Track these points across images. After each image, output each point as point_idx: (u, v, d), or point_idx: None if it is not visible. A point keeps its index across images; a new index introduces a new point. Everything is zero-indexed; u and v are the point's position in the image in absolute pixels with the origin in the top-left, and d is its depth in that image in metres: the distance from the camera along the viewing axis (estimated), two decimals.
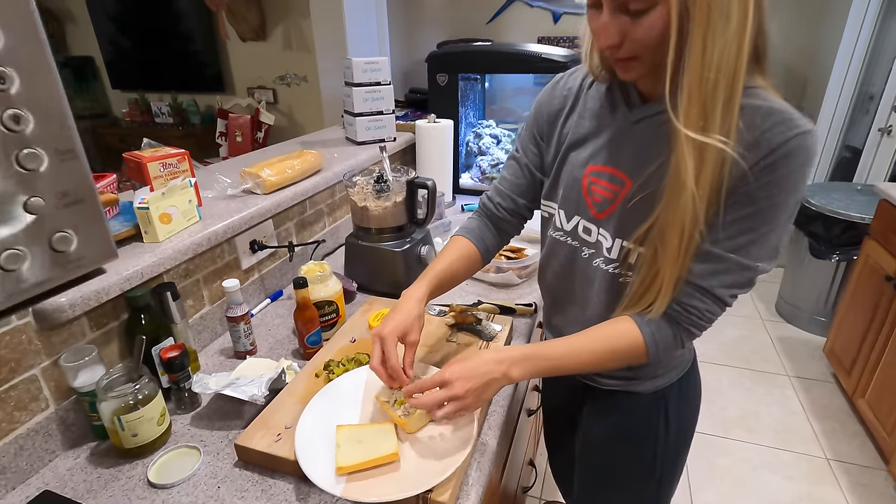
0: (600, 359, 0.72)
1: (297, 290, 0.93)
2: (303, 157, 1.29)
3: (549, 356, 0.72)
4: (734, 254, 0.63)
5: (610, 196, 0.73)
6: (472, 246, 0.90)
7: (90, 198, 0.37)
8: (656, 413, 0.84)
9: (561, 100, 0.82)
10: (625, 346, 0.70)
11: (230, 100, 4.29)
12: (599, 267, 0.77)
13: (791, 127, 0.59)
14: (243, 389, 0.80)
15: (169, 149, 1.04)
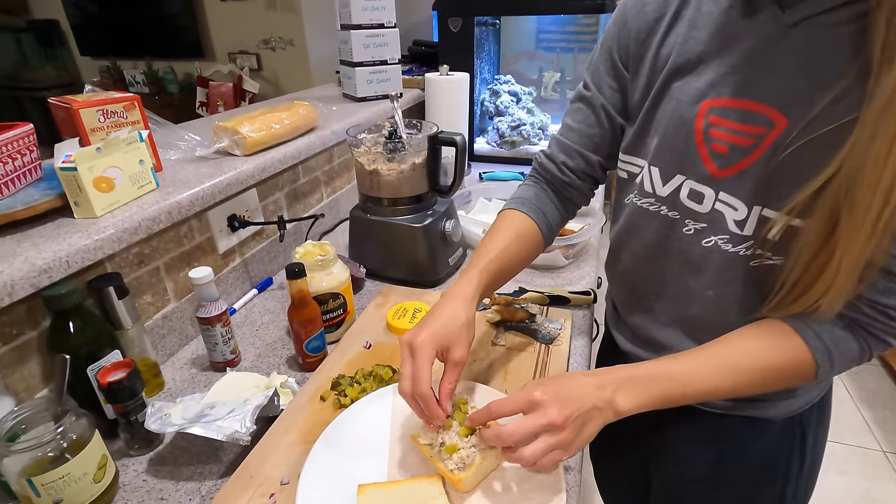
0: (747, 381, 0.50)
1: (290, 280, 0.68)
2: (292, 109, 1.02)
3: (672, 376, 0.50)
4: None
5: (746, 143, 0.49)
6: (529, 222, 0.67)
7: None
8: (789, 446, 0.62)
9: (658, 5, 0.56)
10: (784, 363, 0.49)
11: (210, 66, 3.96)
12: (717, 248, 0.54)
13: None
14: (219, 426, 0.56)
15: (114, 93, 0.77)
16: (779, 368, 0.49)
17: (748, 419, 0.61)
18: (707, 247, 0.55)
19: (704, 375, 0.50)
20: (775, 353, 0.49)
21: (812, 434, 0.62)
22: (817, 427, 0.63)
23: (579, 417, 0.46)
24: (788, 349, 0.49)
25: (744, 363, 0.50)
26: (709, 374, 0.50)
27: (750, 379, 0.50)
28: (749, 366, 0.50)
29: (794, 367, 0.48)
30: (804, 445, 0.62)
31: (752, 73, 0.49)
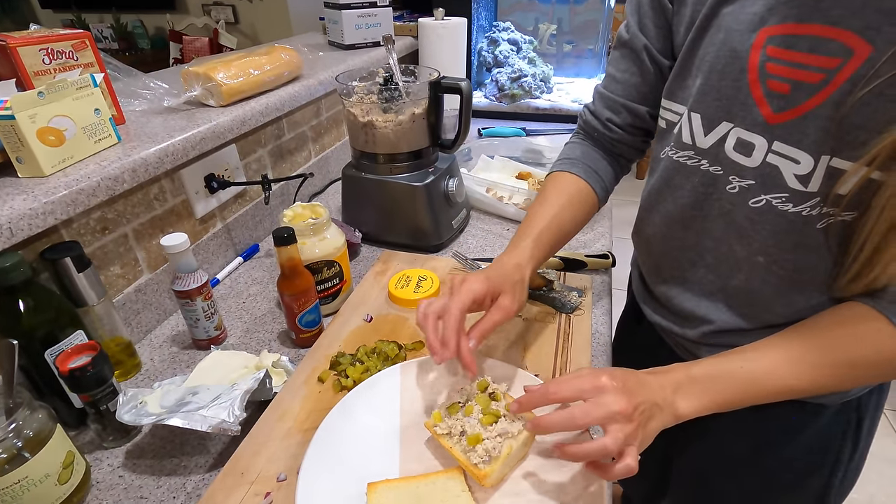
0: (831, 378, 0.44)
1: (279, 247, 0.60)
2: (273, 54, 0.90)
3: (737, 375, 0.44)
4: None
5: (815, 79, 0.41)
6: (582, 184, 0.61)
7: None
8: (843, 432, 0.56)
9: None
10: (872, 352, 0.42)
11: (183, 20, 3.72)
12: (772, 208, 0.47)
13: None
14: (203, 415, 0.49)
15: (59, 30, 0.66)
16: (870, 362, 0.42)
17: (800, 403, 0.55)
18: (756, 207, 0.47)
19: (777, 373, 0.43)
20: (865, 342, 0.43)
21: (868, 419, 0.57)
22: (875, 412, 0.57)
23: (645, 411, 0.40)
24: (879, 338, 0.42)
25: (827, 357, 0.43)
26: (781, 371, 0.44)
27: (835, 375, 0.43)
28: (834, 360, 0.43)
29: (883, 357, 0.42)
30: (859, 432, 0.56)
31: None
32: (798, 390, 0.44)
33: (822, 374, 0.43)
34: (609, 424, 0.39)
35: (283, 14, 3.53)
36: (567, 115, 1.51)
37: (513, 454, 0.43)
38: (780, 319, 0.49)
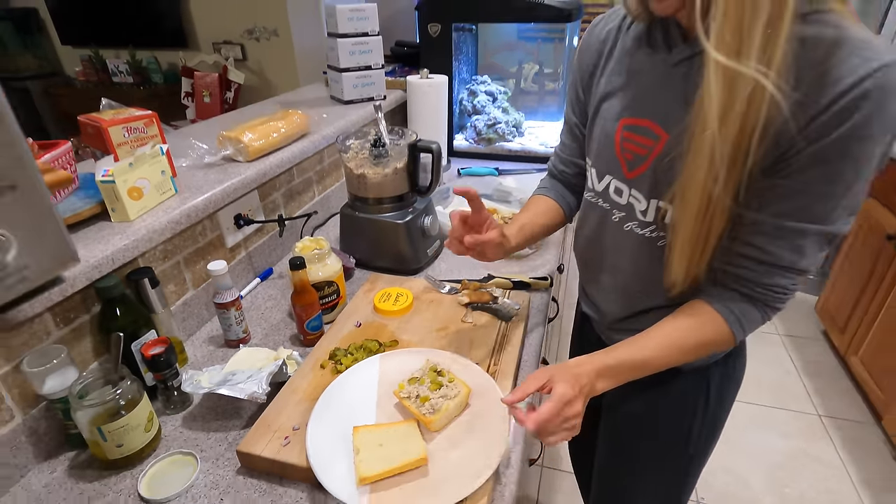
0: (690, 355, 0.64)
1: (293, 271, 0.83)
2: (288, 118, 1.15)
3: (634, 363, 0.64)
4: (813, 223, 0.54)
5: (643, 152, 0.65)
6: (552, 202, 0.87)
7: (28, 183, 0.26)
8: (696, 392, 0.78)
9: (597, 47, 0.73)
10: (709, 337, 0.63)
11: (195, 56, 3.98)
12: (633, 231, 0.70)
13: (865, 60, 0.47)
14: (241, 387, 0.71)
15: (133, 110, 0.89)
16: (710, 342, 0.63)
17: (670, 370, 0.75)
18: (628, 231, 0.71)
19: (658, 358, 0.64)
20: (705, 330, 0.63)
21: (717, 383, 0.78)
22: (722, 378, 0.78)
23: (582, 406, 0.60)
24: (714, 326, 0.62)
25: (686, 343, 0.63)
26: (661, 356, 0.64)
27: (692, 353, 0.64)
28: (688, 345, 0.63)
29: (719, 339, 0.63)
30: (709, 392, 0.78)
31: (649, 99, 0.65)
32: (670, 365, 0.65)
33: (684, 355, 0.64)
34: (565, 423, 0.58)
35: (289, 52, 3.82)
36: (535, 156, 1.75)
37: (450, 410, 0.65)
38: (652, 308, 0.72)
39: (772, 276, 0.59)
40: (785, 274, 0.58)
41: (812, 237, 0.55)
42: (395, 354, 0.78)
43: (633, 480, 0.90)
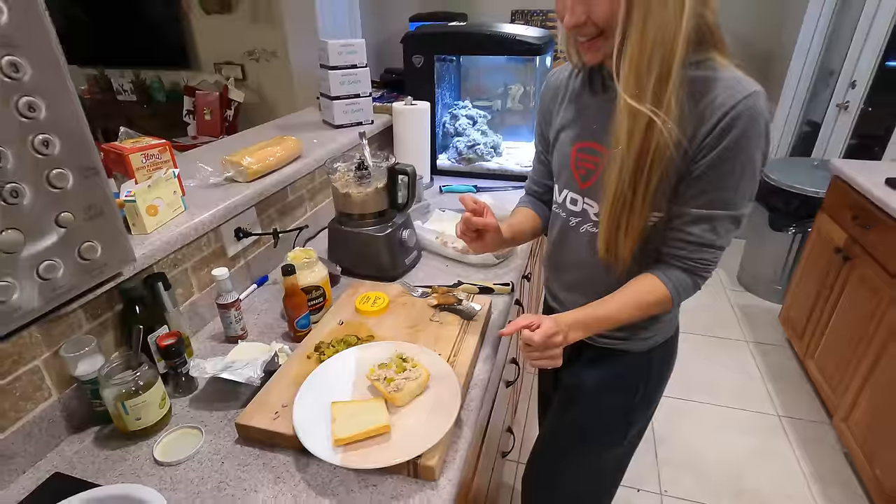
0: (641, 310, 0.81)
1: (285, 276, 0.97)
2: (283, 143, 1.30)
3: (600, 317, 0.81)
4: (721, 209, 0.73)
5: (593, 167, 0.82)
6: (532, 212, 1.04)
7: (110, 209, 0.40)
8: (639, 371, 0.95)
9: (553, 91, 0.92)
10: (655, 298, 0.80)
11: (197, 76, 4.16)
12: (587, 231, 0.87)
13: (735, 92, 0.67)
14: (239, 372, 0.85)
15: (149, 139, 1.04)
16: (655, 301, 0.80)
17: (620, 351, 0.94)
18: (584, 232, 0.87)
19: (618, 311, 0.81)
20: (654, 292, 0.80)
21: (656, 365, 0.96)
22: (661, 361, 0.96)
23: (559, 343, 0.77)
24: (659, 290, 0.79)
25: (640, 301, 0.80)
26: (620, 310, 0.81)
27: (643, 309, 0.81)
28: (641, 302, 0.80)
29: (662, 299, 0.79)
30: (650, 372, 0.95)
31: (595, 126, 0.82)
32: (628, 318, 0.81)
33: (638, 310, 0.80)
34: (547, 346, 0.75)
35: (287, 72, 3.99)
36: (511, 175, 1.91)
37: (412, 389, 0.79)
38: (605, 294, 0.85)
39: (698, 252, 0.77)
40: (706, 250, 0.77)
41: (721, 220, 0.74)
42: (370, 346, 0.92)
43: (573, 452, 1.04)
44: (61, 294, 0.37)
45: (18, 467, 0.74)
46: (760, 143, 0.69)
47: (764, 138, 0.69)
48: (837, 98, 3.34)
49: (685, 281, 0.79)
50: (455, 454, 0.76)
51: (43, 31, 0.33)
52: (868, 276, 1.74)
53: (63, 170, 0.35)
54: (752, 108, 0.67)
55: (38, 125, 0.33)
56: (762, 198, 2.68)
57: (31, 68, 0.32)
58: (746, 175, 0.71)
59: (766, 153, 0.71)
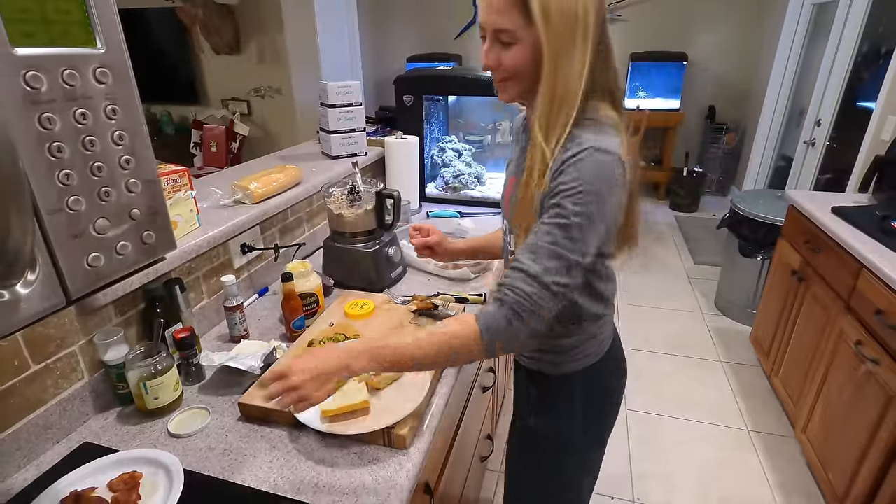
0: (439, 346, 0.73)
1: (284, 283, 1.13)
2: (285, 170, 1.48)
3: (390, 347, 0.74)
4: (549, 244, 0.71)
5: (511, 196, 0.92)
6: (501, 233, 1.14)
7: (163, 209, 0.57)
8: (562, 393, 0.94)
9: (516, 129, 1.04)
10: (459, 330, 0.73)
11: (205, 111, 4.40)
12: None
13: (578, 144, 0.70)
14: (243, 361, 0.99)
15: (171, 165, 1.22)
16: (457, 333, 0.73)
17: (540, 372, 0.95)
18: (511, 250, 0.98)
19: (416, 348, 0.73)
20: (459, 326, 0.73)
21: (581, 390, 0.93)
22: (586, 387, 0.94)
23: (316, 380, 0.71)
24: (466, 324, 0.73)
25: (438, 335, 0.74)
26: (418, 347, 0.73)
27: (440, 343, 0.73)
28: (441, 335, 0.73)
29: (466, 333, 0.72)
30: (573, 395, 0.93)
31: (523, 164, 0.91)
32: (427, 352, 0.72)
33: (437, 344, 0.73)
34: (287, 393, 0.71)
35: (290, 108, 4.24)
36: (493, 202, 2.09)
37: (390, 375, 0.93)
38: None
39: (511, 277, 0.72)
40: (516, 273, 0.71)
41: (544, 249, 0.71)
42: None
43: (522, 477, 1.05)
44: (129, 266, 0.53)
45: (53, 437, 0.87)
46: (589, 194, 0.69)
47: (591, 191, 0.69)
48: (805, 135, 3.58)
49: (494, 314, 0.72)
50: (425, 430, 0.90)
51: (131, 85, 0.50)
52: (819, 295, 1.89)
53: (136, 180, 0.51)
54: (587, 158, 0.69)
55: (124, 149, 0.50)
56: (733, 227, 2.86)
57: (121, 111, 0.49)
58: (575, 221, 0.69)
59: (601, 203, 0.69)
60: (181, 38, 4.12)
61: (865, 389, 1.51)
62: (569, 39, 0.70)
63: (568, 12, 0.69)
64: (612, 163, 0.70)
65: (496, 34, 0.73)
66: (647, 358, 2.63)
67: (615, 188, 0.71)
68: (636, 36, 4.89)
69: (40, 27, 0.42)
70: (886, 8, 2.87)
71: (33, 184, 0.43)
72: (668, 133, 4.84)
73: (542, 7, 0.68)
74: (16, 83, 0.41)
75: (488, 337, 0.72)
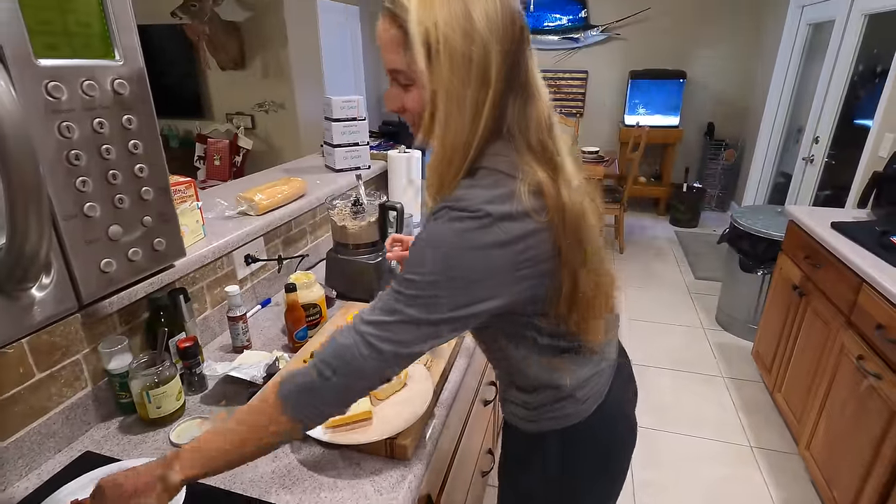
0: (244, 424, 0.65)
1: (287, 293, 1.13)
2: (290, 183, 1.50)
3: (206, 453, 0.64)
4: (394, 291, 0.63)
5: None
6: None
7: (174, 217, 0.58)
8: (535, 452, 0.82)
9: None
10: (258, 404, 0.66)
11: (209, 125, 4.45)
12: None
13: (446, 201, 0.62)
14: (245, 371, 0.99)
15: (178, 177, 1.23)
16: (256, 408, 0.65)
17: (515, 426, 0.84)
18: None
19: (225, 440, 0.64)
20: (261, 400, 0.65)
21: (555, 450, 0.80)
22: (563, 447, 0.80)
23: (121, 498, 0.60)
24: (267, 394, 0.65)
25: (242, 413, 0.66)
26: (221, 432, 0.65)
27: (248, 422, 0.65)
28: (245, 413, 0.66)
29: (267, 404, 0.64)
30: (546, 453, 0.81)
31: None
32: (233, 440, 0.63)
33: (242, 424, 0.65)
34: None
35: (293, 122, 4.30)
36: None
37: (392, 385, 0.93)
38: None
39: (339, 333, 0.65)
40: (361, 317, 0.65)
41: (389, 295, 0.63)
42: None
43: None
44: (139, 272, 0.54)
45: (55, 446, 0.87)
46: (435, 252, 0.60)
47: (437, 256, 0.60)
48: (804, 152, 3.61)
49: (298, 375, 0.64)
50: (427, 441, 0.90)
51: (147, 97, 0.51)
52: (820, 310, 1.89)
53: (149, 188, 0.53)
54: (441, 216, 0.61)
55: (139, 158, 0.51)
56: (733, 242, 2.87)
57: (137, 121, 0.51)
58: (419, 277, 0.61)
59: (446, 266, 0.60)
60: (188, 54, 4.19)
61: (868, 405, 1.50)
62: (459, 83, 0.59)
63: (456, 54, 0.58)
64: (467, 224, 0.59)
65: (393, 75, 0.65)
66: (648, 373, 2.62)
67: (468, 251, 0.59)
68: (635, 54, 4.97)
69: (62, 39, 0.44)
70: (881, 28, 2.92)
71: (51, 190, 0.44)
72: (668, 149, 4.88)
73: (425, 47, 0.59)
74: (38, 92, 0.43)
75: (287, 398, 0.63)
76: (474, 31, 0.58)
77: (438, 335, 0.63)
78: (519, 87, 0.63)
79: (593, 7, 4.95)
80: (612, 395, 0.82)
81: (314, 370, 0.63)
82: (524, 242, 0.60)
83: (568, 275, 0.65)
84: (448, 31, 0.57)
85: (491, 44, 0.59)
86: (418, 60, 0.59)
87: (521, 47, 0.63)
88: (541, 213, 0.60)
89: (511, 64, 0.61)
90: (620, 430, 0.86)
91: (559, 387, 0.76)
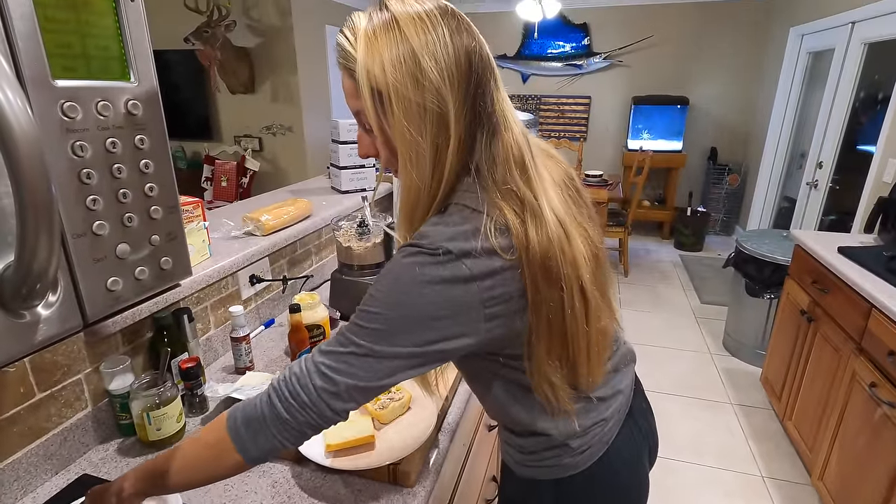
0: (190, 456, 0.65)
1: (291, 314, 1.13)
2: (296, 204, 1.51)
3: (155, 464, 0.66)
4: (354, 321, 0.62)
5: None
6: None
7: (182, 236, 0.58)
8: (529, 496, 0.78)
9: None
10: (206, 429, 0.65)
11: (217, 147, 4.52)
12: None
13: (414, 238, 0.60)
14: (247, 393, 0.98)
15: (185, 197, 1.24)
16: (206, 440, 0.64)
17: (511, 471, 0.80)
18: None
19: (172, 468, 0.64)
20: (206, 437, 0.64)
21: (548, 500, 0.75)
22: (559, 495, 0.75)
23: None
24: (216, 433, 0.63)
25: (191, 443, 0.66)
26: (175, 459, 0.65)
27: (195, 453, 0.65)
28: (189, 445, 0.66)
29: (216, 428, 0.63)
30: (541, 499, 0.76)
31: None
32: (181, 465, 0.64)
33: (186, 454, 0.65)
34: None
35: (300, 145, 4.35)
36: None
37: (395, 408, 0.92)
38: None
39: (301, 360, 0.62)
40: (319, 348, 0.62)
41: (347, 327, 0.62)
42: None
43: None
44: (145, 290, 0.54)
45: (52, 468, 0.86)
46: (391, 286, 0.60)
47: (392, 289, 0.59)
48: (807, 177, 3.62)
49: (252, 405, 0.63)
50: (430, 467, 0.88)
51: (160, 118, 0.52)
52: (829, 335, 1.87)
53: (158, 207, 0.53)
54: (402, 251, 0.60)
55: (149, 177, 0.51)
56: (739, 266, 2.86)
57: (149, 141, 0.51)
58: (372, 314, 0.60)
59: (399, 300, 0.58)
60: (198, 78, 4.28)
61: (883, 434, 1.47)
62: (416, 131, 0.57)
63: (410, 104, 0.56)
64: (420, 258, 0.57)
65: (358, 118, 0.65)
66: (655, 398, 2.57)
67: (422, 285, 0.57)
68: (638, 80, 5.04)
69: (81, 62, 0.45)
70: (882, 56, 2.96)
71: (61, 208, 0.44)
72: (671, 173, 4.91)
73: (375, 95, 0.58)
74: (53, 112, 0.43)
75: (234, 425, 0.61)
76: (426, 79, 0.56)
77: (399, 370, 0.59)
78: (486, 121, 0.61)
79: (596, 34, 5.06)
80: (619, 444, 0.76)
81: (265, 399, 0.62)
82: (491, 279, 0.57)
83: (542, 316, 0.60)
84: (397, 81, 0.56)
85: (445, 90, 0.57)
86: (367, 108, 0.59)
87: (482, 83, 0.60)
88: (507, 251, 0.57)
89: (472, 103, 0.59)
90: (626, 483, 0.78)
91: (549, 435, 0.72)
